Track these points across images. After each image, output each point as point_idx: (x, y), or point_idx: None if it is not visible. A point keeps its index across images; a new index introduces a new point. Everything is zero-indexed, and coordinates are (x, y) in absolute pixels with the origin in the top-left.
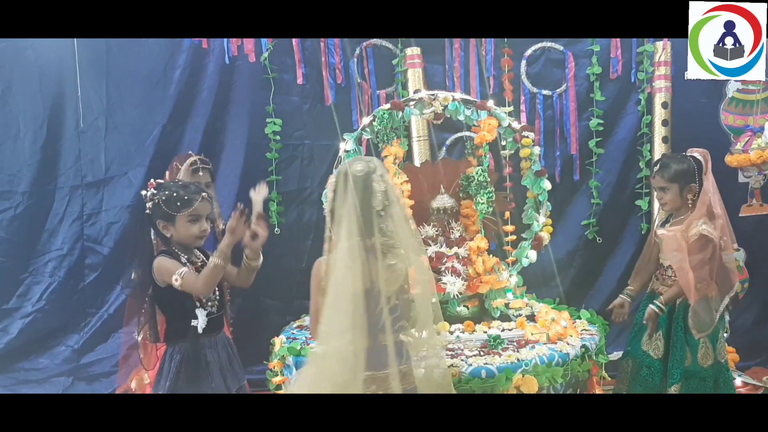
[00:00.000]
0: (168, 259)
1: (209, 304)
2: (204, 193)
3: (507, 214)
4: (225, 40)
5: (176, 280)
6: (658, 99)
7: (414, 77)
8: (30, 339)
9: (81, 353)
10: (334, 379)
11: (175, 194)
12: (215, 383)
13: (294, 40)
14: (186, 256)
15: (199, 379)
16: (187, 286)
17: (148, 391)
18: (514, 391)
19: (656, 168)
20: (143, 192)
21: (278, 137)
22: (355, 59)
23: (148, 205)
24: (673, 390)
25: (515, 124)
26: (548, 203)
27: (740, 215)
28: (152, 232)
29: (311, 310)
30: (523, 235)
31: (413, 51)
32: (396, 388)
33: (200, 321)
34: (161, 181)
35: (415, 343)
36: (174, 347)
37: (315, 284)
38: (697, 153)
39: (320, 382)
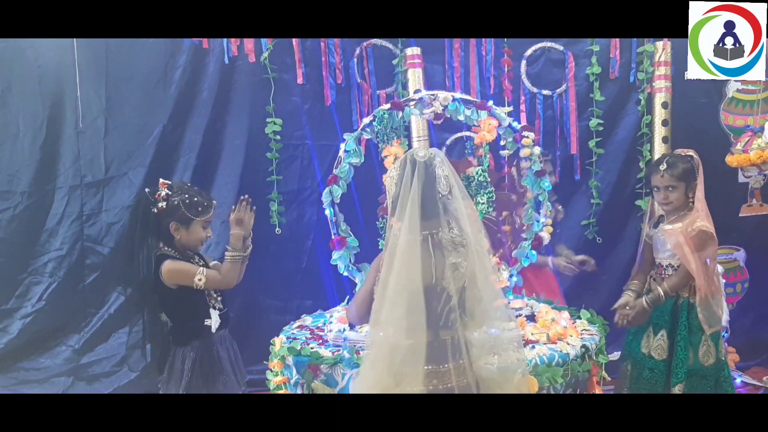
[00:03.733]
0: (181, 262)
1: (219, 301)
2: (214, 201)
3: (505, 213)
4: (225, 40)
5: (199, 279)
6: (658, 99)
7: (414, 77)
8: (30, 339)
9: (81, 353)
10: (394, 372)
11: (196, 199)
12: (227, 377)
13: (294, 40)
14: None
15: (214, 375)
16: (211, 284)
17: None
18: (514, 391)
19: (663, 167)
20: (147, 189)
21: (278, 137)
22: (355, 59)
23: (161, 204)
24: (677, 389)
25: (515, 124)
26: (548, 203)
27: (740, 215)
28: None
29: (360, 297)
30: (523, 235)
31: (413, 51)
32: (454, 383)
33: (214, 320)
34: (170, 182)
35: (483, 340)
36: (185, 347)
37: (373, 272)
38: (691, 153)
39: (383, 377)
